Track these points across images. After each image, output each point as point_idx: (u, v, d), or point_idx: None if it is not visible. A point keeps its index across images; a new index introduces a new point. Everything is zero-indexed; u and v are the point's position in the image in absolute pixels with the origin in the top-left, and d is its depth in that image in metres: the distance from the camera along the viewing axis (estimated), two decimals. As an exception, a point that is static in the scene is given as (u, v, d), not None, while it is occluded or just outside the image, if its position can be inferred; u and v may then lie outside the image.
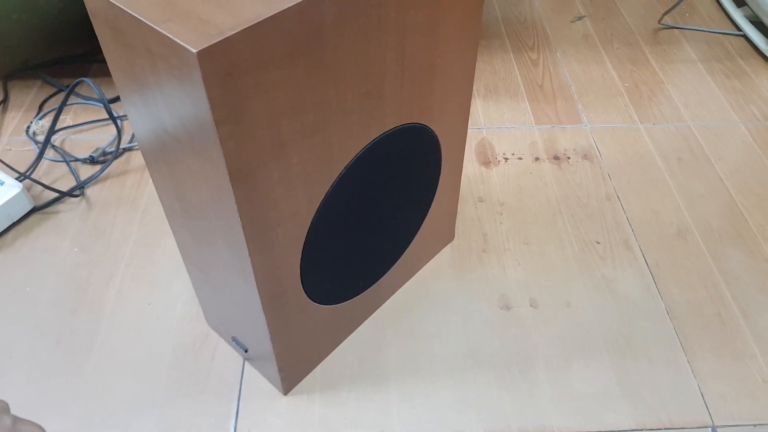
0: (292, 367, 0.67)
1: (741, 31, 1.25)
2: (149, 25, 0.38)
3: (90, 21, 1.20)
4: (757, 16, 1.25)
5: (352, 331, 0.74)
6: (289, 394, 0.69)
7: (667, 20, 1.29)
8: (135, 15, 0.39)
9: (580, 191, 0.92)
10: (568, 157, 0.98)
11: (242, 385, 0.69)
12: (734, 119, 1.05)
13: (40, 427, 0.41)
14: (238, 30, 0.38)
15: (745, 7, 1.28)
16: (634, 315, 0.77)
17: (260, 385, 0.69)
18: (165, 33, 0.37)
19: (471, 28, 0.60)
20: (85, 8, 1.23)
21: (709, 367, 0.71)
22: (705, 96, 1.10)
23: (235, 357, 0.72)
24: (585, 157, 0.98)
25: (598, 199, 0.91)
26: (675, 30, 1.26)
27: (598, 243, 0.85)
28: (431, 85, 0.60)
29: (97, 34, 0.45)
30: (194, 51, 0.36)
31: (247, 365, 0.71)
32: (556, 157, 0.98)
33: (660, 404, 0.68)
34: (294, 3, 0.40)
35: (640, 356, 0.72)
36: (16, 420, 0.40)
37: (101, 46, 0.47)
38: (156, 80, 0.43)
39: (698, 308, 0.77)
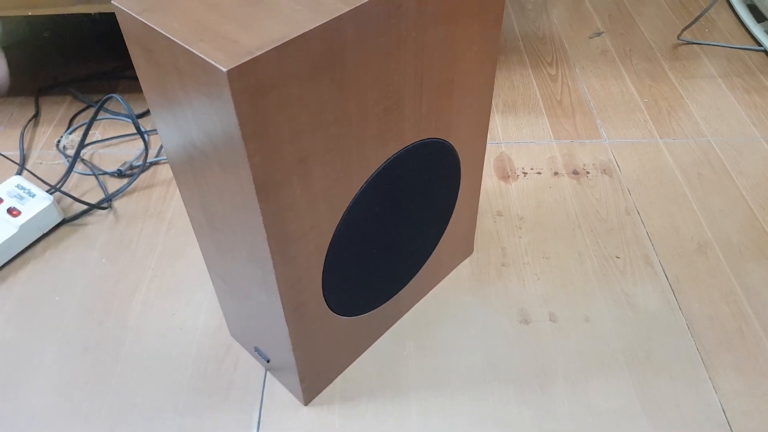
0: (313, 378, 0.68)
1: (761, 46, 1.24)
2: (181, 45, 0.40)
3: (119, 38, 1.24)
4: (778, 31, 1.24)
5: (372, 343, 0.75)
6: (309, 404, 0.70)
7: (687, 36, 1.29)
8: (167, 35, 0.41)
9: (600, 206, 0.92)
10: (588, 172, 0.98)
11: (264, 395, 0.70)
12: (755, 134, 1.05)
13: None
14: (265, 50, 0.39)
15: (766, 21, 1.28)
16: (655, 330, 0.76)
17: (281, 395, 0.70)
18: (196, 53, 0.39)
19: (490, 44, 0.61)
20: (114, 26, 1.27)
21: (731, 383, 0.71)
22: (725, 111, 1.10)
23: (257, 367, 0.73)
24: (604, 171, 0.98)
25: (618, 213, 0.91)
26: (694, 45, 1.26)
27: (618, 258, 0.85)
28: (450, 101, 0.61)
29: (129, 52, 0.47)
30: (224, 70, 0.38)
31: (269, 375, 0.72)
32: (575, 172, 0.98)
33: (681, 420, 0.68)
34: (317, 24, 0.42)
35: (661, 372, 0.72)
36: None
37: (133, 64, 0.49)
38: (186, 97, 0.44)
39: (719, 324, 0.77)
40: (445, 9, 0.52)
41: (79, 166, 0.99)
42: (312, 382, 0.68)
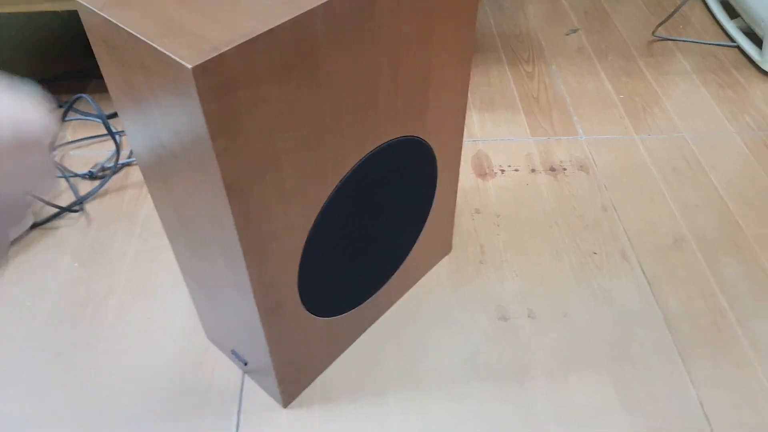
0: (292, 380, 0.67)
1: (734, 42, 1.26)
2: (145, 41, 0.39)
3: (86, 37, 1.22)
4: (749, 27, 1.26)
5: (351, 344, 0.75)
6: (288, 406, 0.69)
7: (661, 32, 1.30)
8: (131, 31, 0.40)
9: (577, 202, 0.93)
10: (564, 169, 0.98)
11: (242, 398, 0.69)
12: (728, 129, 1.06)
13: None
14: (233, 45, 0.38)
15: (738, 18, 1.30)
16: (632, 325, 0.77)
17: (260, 398, 0.69)
18: (161, 49, 0.38)
19: (464, 41, 0.61)
20: (81, 25, 1.25)
21: (707, 377, 0.72)
22: (699, 107, 1.11)
23: (234, 370, 0.72)
24: (581, 168, 0.99)
25: (594, 210, 0.92)
26: (669, 42, 1.28)
27: (595, 253, 0.85)
28: (425, 98, 0.60)
29: (93, 50, 0.46)
30: (189, 66, 0.37)
31: (247, 378, 0.71)
32: (552, 169, 0.98)
33: (658, 414, 0.68)
34: (287, 18, 0.41)
35: (638, 366, 0.72)
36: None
37: (98, 62, 0.47)
38: (152, 95, 0.43)
39: (695, 318, 0.78)
40: (419, 5, 0.52)
41: (50, 169, 0.97)
42: (290, 384, 0.67)
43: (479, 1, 1.41)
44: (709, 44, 1.27)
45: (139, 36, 0.39)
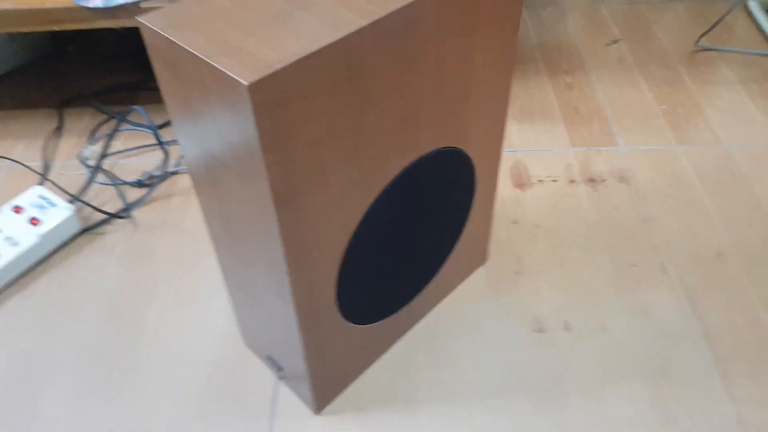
0: (325, 387, 0.68)
1: (781, 52, 1.23)
2: (204, 60, 0.41)
3: (139, 52, 1.26)
4: (798, 37, 1.23)
5: (385, 352, 0.75)
6: (321, 413, 0.70)
7: (704, 42, 1.28)
8: (191, 50, 0.42)
9: (616, 214, 0.92)
10: (604, 180, 0.98)
11: (275, 404, 0.71)
12: (775, 141, 1.04)
13: None
14: (285, 64, 0.40)
15: (786, 27, 1.27)
16: (671, 340, 0.76)
17: (293, 404, 0.71)
18: (219, 67, 0.40)
19: (506, 54, 0.61)
20: (136, 40, 1.30)
21: (748, 394, 0.70)
22: (744, 118, 1.09)
23: (268, 376, 0.73)
24: (621, 179, 0.98)
25: (634, 221, 0.91)
26: (712, 52, 1.25)
27: (635, 266, 0.84)
28: (466, 110, 0.61)
29: (153, 66, 0.49)
30: (246, 83, 0.39)
31: (280, 385, 0.73)
32: (592, 180, 0.98)
33: (696, 430, 0.67)
34: (336, 38, 0.43)
35: (677, 382, 0.71)
36: None
37: (156, 77, 0.50)
38: (208, 109, 0.45)
39: (736, 334, 0.76)
40: (463, 21, 0.53)
41: (100, 177, 1.01)
42: (324, 391, 0.68)
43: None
44: (755, 54, 1.24)
45: (198, 55, 0.42)
